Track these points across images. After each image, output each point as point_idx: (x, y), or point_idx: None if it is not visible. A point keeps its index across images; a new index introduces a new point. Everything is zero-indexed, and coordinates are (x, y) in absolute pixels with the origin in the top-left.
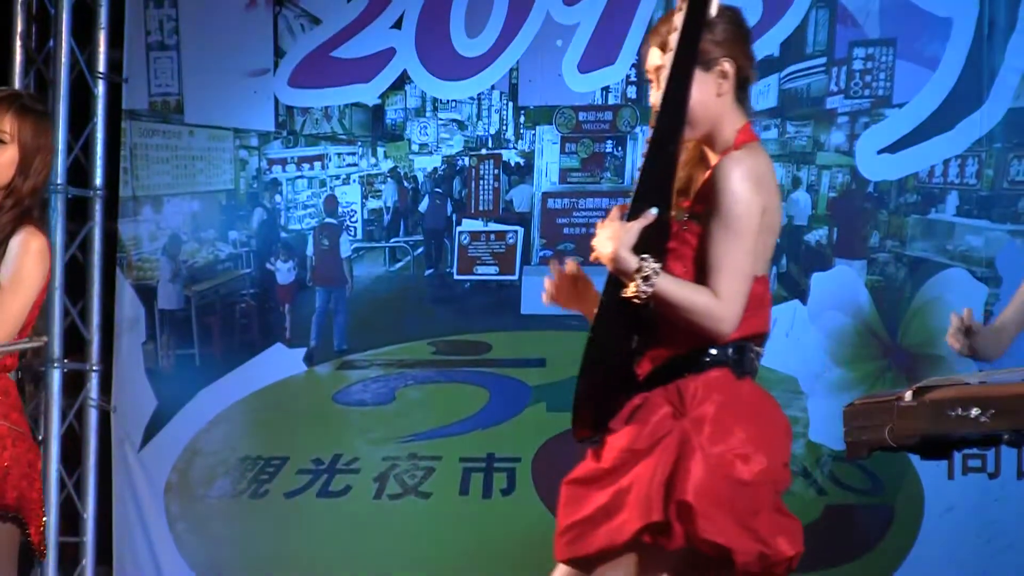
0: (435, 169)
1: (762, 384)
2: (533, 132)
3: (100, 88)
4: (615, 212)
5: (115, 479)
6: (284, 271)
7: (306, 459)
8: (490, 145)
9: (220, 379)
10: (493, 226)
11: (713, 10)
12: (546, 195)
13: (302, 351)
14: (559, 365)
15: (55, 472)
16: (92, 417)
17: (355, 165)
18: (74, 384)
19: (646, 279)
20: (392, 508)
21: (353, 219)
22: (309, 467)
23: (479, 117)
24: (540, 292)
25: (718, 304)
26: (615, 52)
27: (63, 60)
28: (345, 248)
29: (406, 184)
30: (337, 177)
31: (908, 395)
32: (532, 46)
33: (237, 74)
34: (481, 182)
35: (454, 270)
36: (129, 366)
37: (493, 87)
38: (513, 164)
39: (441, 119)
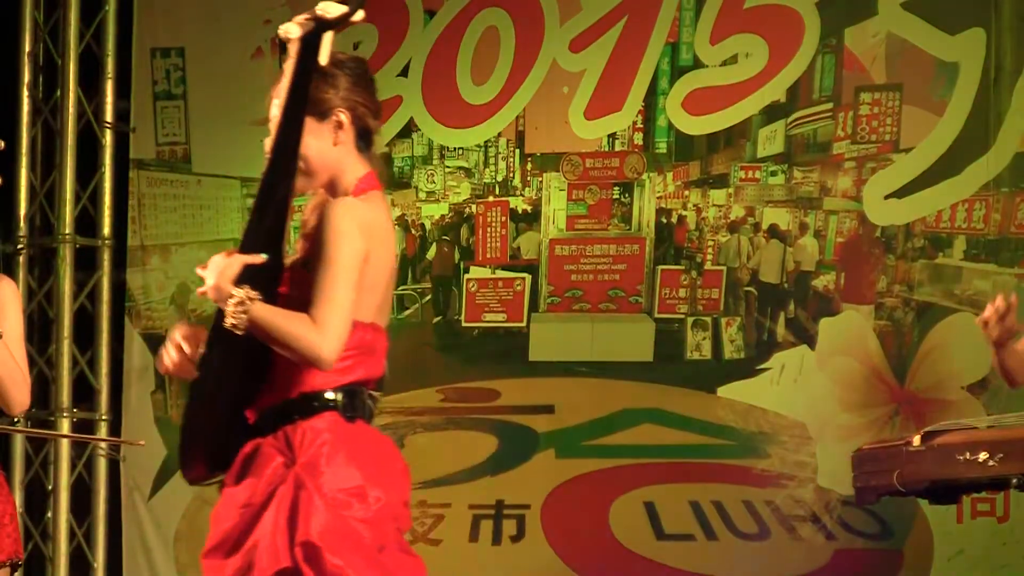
0: (442, 216)
1: (771, 429)
2: (540, 179)
3: (107, 138)
4: (224, 253)
5: (125, 528)
6: None
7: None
8: (497, 192)
9: None
10: (501, 273)
11: (323, 59)
12: (553, 242)
13: None
14: (568, 412)
15: (65, 522)
16: (101, 466)
17: None
18: (83, 431)
19: (241, 305)
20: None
21: None
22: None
23: (486, 164)
24: (548, 339)
25: (315, 331)
26: (622, 99)
27: (70, 110)
28: None
29: (413, 232)
30: None
31: (916, 440)
32: (539, 93)
33: (244, 123)
34: (488, 229)
35: (462, 317)
36: (138, 415)
37: (500, 134)
38: (520, 211)
39: (448, 167)
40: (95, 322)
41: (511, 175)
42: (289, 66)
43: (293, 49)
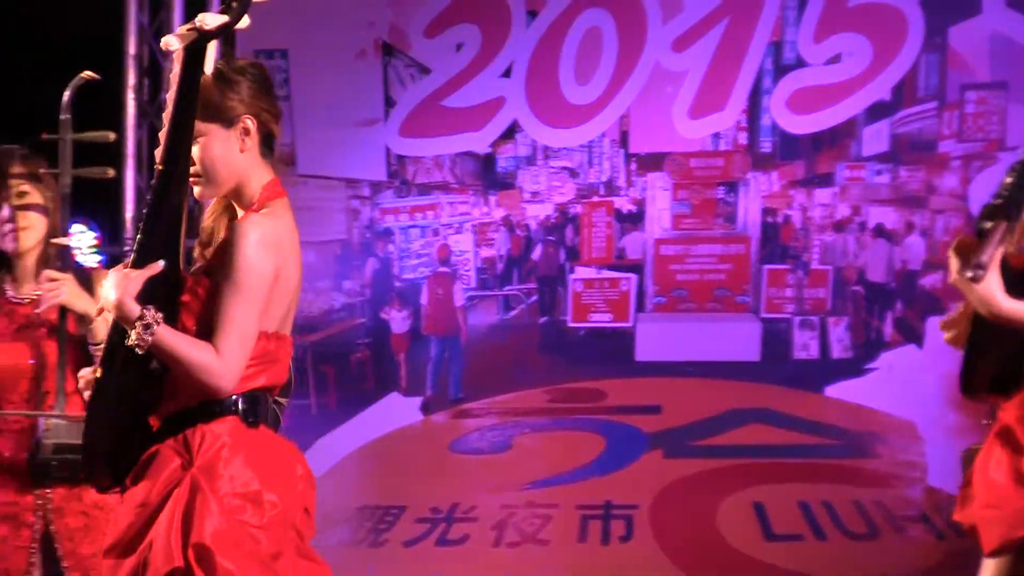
0: (547, 217)
1: (880, 429)
2: (644, 179)
3: None
4: (122, 264)
5: None
6: (399, 320)
7: (424, 508)
8: (602, 192)
9: (337, 429)
10: (606, 273)
11: (207, 68)
12: (659, 242)
13: (418, 400)
14: (675, 412)
15: None
16: None
17: (467, 214)
18: None
19: (147, 327)
20: (510, 556)
21: (466, 268)
22: (427, 516)
23: (590, 164)
24: (655, 339)
25: (216, 361)
26: (725, 98)
27: None
28: (459, 297)
29: (519, 232)
30: (450, 226)
31: None
32: (642, 93)
33: (348, 124)
34: (594, 229)
35: (568, 317)
36: None
37: (604, 134)
38: (625, 211)
39: (552, 167)
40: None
41: (616, 175)
42: (174, 76)
43: (177, 58)
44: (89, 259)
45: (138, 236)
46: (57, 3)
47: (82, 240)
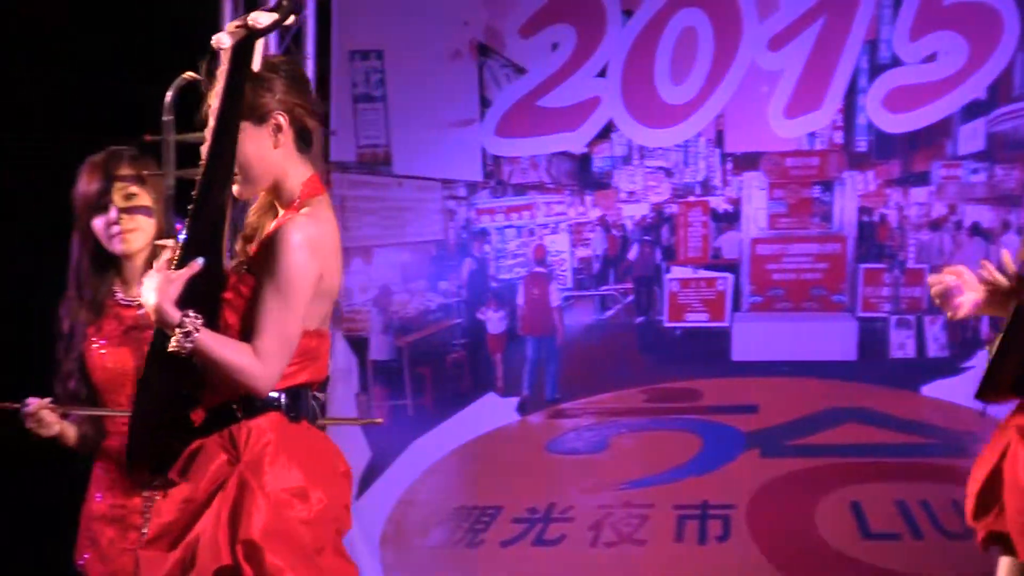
0: (643, 217)
1: (978, 428)
2: (740, 178)
3: None
4: (163, 264)
5: None
6: (495, 321)
7: (521, 508)
8: (698, 192)
9: (433, 429)
10: (703, 273)
11: (256, 66)
12: (755, 241)
13: (515, 400)
14: (771, 411)
15: None
16: None
17: (563, 214)
18: None
19: (187, 335)
20: (607, 556)
21: (562, 268)
22: (524, 516)
23: (686, 164)
24: (751, 338)
25: (256, 364)
26: (821, 97)
27: None
28: (555, 297)
29: (615, 232)
30: (545, 226)
31: None
32: (737, 92)
33: (444, 125)
34: (689, 229)
35: (664, 317)
36: (342, 417)
37: (699, 134)
38: (721, 211)
39: (648, 167)
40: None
41: (711, 174)
42: (221, 74)
43: (225, 58)
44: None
45: (183, 235)
46: (152, 4)
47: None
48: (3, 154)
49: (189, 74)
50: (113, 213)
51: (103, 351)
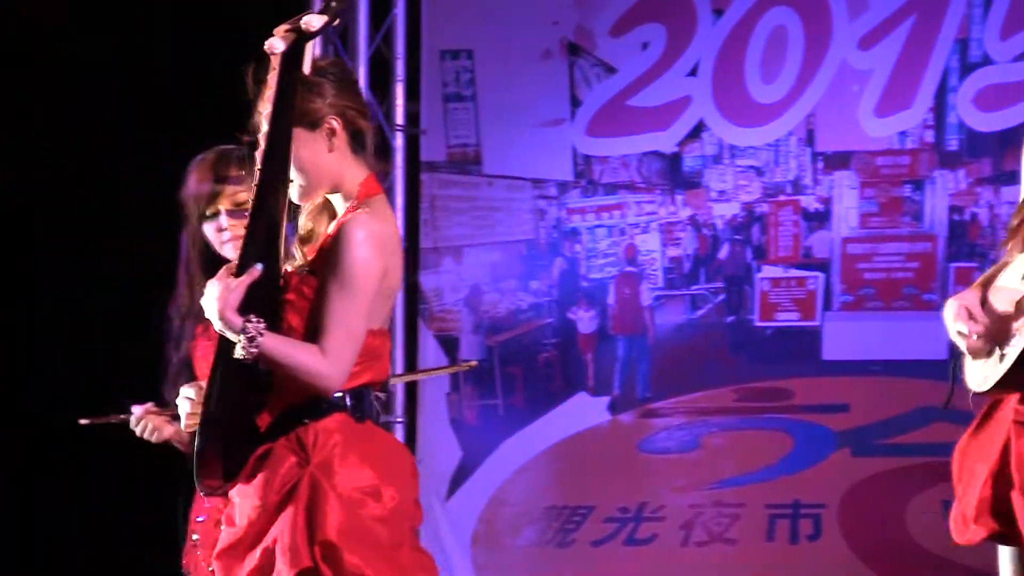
0: (734, 216)
1: None
2: (831, 177)
3: (398, 140)
4: (223, 272)
5: (422, 530)
6: (586, 320)
7: (612, 507)
8: (788, 191)
9: (524, 429)
10: (793, 272)
11: (306, 68)
12: (846, 240)
13: (606, 400)
14: (862, 410)
15: None
16: None
17: (654, 213)
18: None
19: (251, 340)
20: (699, 555)
21: (653, 267)
22: (615, 515)
23: (776, 163)
24: (842, 337)
25: (323, 363)
26: (911, 96)
27: None
28: (646, 296)
29: (705, 231)
30: (636, 225)
31: None
32: (828, 91)
33: (534, 124)
34: (780, 228)
35: (755, 316)
36: (433, 417)
37: (790, 133)
38: (812, 210)
39: (739, 166)
40: (390, 324)
41: (802, 174)
42: (272, 78)
43: (276, 62)
44: None
45: (242, 241)
46: (271, 5)
47: None
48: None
49: None
50: (223, 217)
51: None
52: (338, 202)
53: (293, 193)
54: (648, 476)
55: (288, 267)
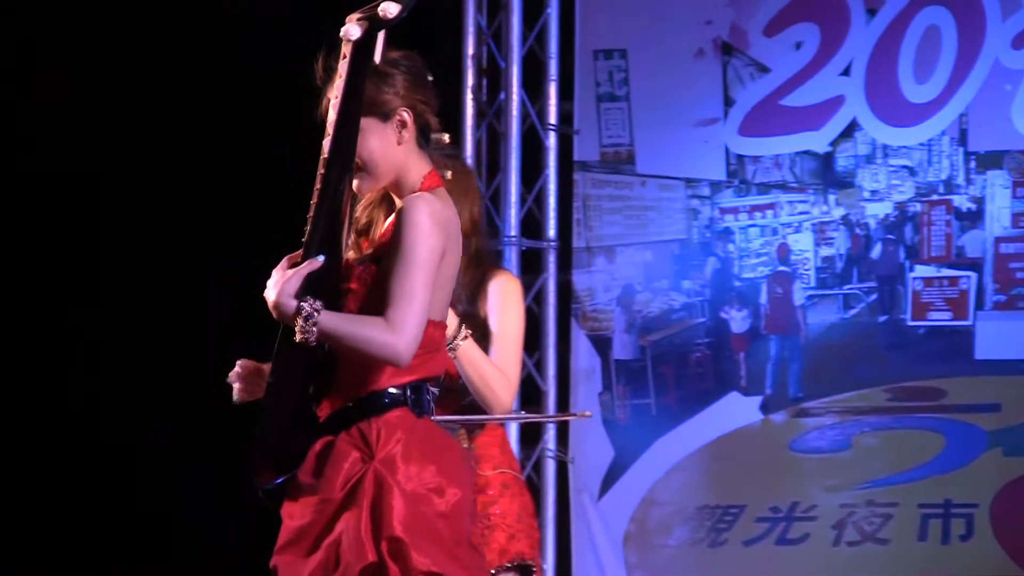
0: (886, 216)
1: None
2: (984, 177)
3: (551, 140)
4: (284, 262)
5: (574, 529)
6: (738, 320)
7: (764, 507)
8: (941, 191)
9: (676, 428)
10: (946, 271)
11: (377, 58)
12: (998, 240)
13: (758, 399)
14: (1015, 410)
15: None
16: (550, 468)
17: (807, 213)
18: (531, 435)
19: (307, 319)
20: (850, 555)
21: (806, 267)
22: (767, 515)
23: (929, 163)
24: (995, 337)
25: (391, 332)
26: None
27: (514, 113)
28: (799, 296)
29: (858, 231)
30: (789, 225)
31: None
32: (981, 90)
33: (687, 124)
34: (932, 228)
35: (907, 316)
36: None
37: (943, 132)
38: (964, 209)
39: (891, 165)
40: (541, 324)
41: (954, 173)
42: (343, 67)
43: (347, 50)
44: None
45: (305, 232)
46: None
47: None
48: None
49: None
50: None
51: None
52: (397, 199)
53: (355, 182)
54: (799, 476)
55: (349, 256)
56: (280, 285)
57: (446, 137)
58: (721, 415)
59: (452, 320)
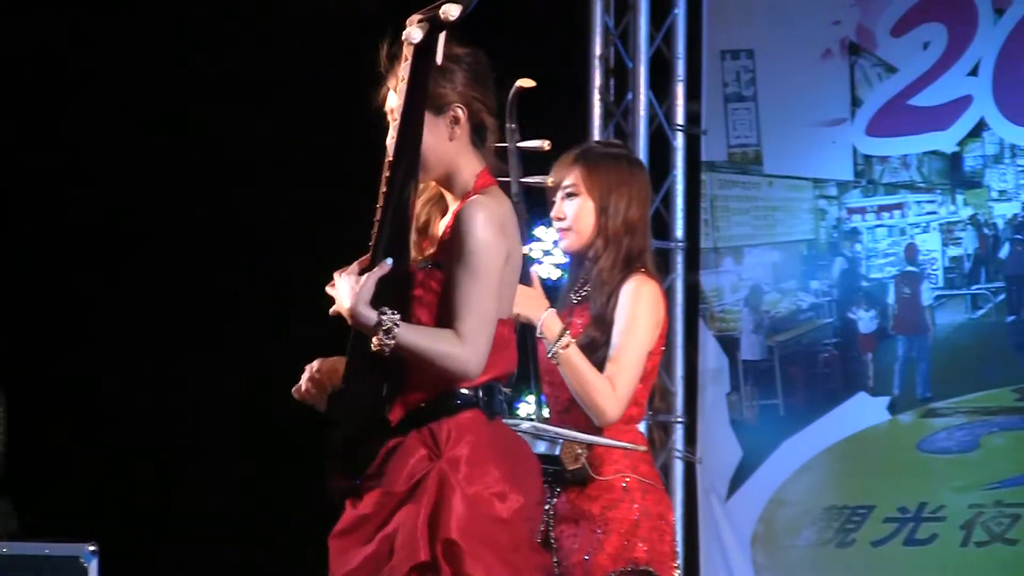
0: (1015, 216)
1: None
2: None
3: (679, 140)
4: (354, 266)
5: (701, 530)
6: (866, 320)
7: (892, 507)
8: None
9: (804, 429)
10: None
11: (439, 59)
12: None
13: (885, 400)
14: None
15: None
16: (678, 468)
17: (934, 213)
18: (659, 435)
19: (387, 332)
20: (978, 556)
21: (934, 267)
22: (895, 515)
23: None
24: None
25: (462, 347)
26: None
27: (641, 113)
28: (926, 296)
29: (986, 231)
30: (916, 225)
31: None
32: None
33: (814, 124)
34: None
35: None
36: (713, 417)
37: None
38: None
39: (1020, 165)
40: (669, 324)
41: None
42: (405, 67)
43: (410, 51)
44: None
45: (373, 235)
46: (523, 4)
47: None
48: None
49: (525, 81)
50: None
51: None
52: (450, 196)
53: None
54: (927, 476)
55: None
56: (355, 292)
57: (546, 145)
58: (849, 415)
59: (555, 325)
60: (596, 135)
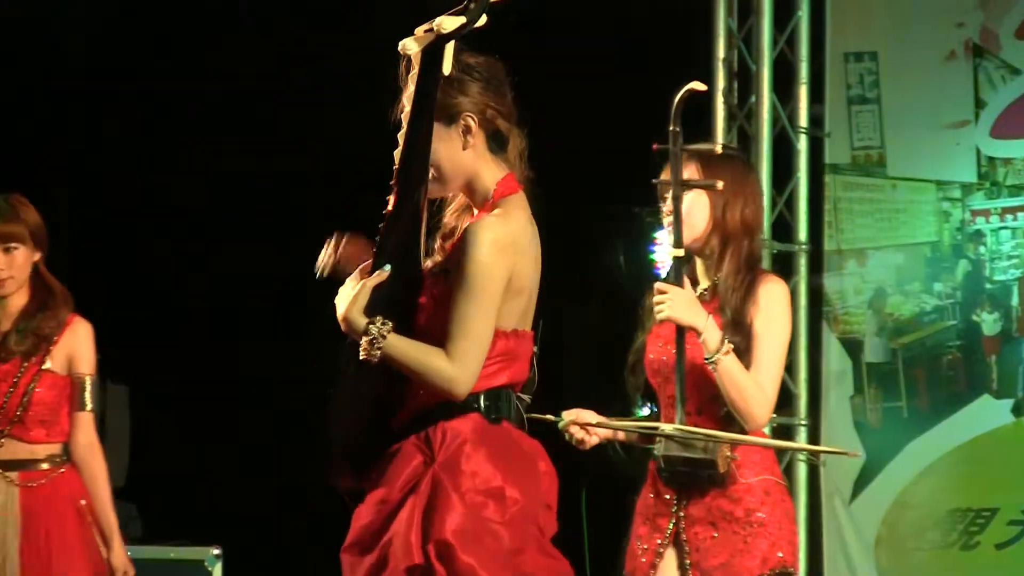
0: None
1: None
2: None
3: (802, 143)
4: (357, 272)
5: (825, 532)
6: (990, 322)
7: (1016, 510)
8: None
9: (927, 432)
10: None
11: (446, 69)
12: None
13: (1009, 402)
14: None
15: None
16: (801, 471)
17: None
18: (782, 438)
19: (373, 341)
20: None
21: None
22: (1019, 518)
23: None
24: None
25: (449, 367)
26: None
27: (765, 116)
28: None
29: None
30: None
31: None
32: None
33: (938, 126)
34: None
35: None
36: (837, 420)
37: None
38: None
39: None
40: (793, 327)
41: None
42: (412, 78)
43: (416, 62)
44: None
45: (377, 241)
46: (647, 7)
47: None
48: None
49: (696, 84)
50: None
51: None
52: (473, 205)
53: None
54: None
55: (427, 264)
56: (351, 299)
57: (718, 148)
58: (972, 418)
59: (715, 333)
60: (720, 138)
